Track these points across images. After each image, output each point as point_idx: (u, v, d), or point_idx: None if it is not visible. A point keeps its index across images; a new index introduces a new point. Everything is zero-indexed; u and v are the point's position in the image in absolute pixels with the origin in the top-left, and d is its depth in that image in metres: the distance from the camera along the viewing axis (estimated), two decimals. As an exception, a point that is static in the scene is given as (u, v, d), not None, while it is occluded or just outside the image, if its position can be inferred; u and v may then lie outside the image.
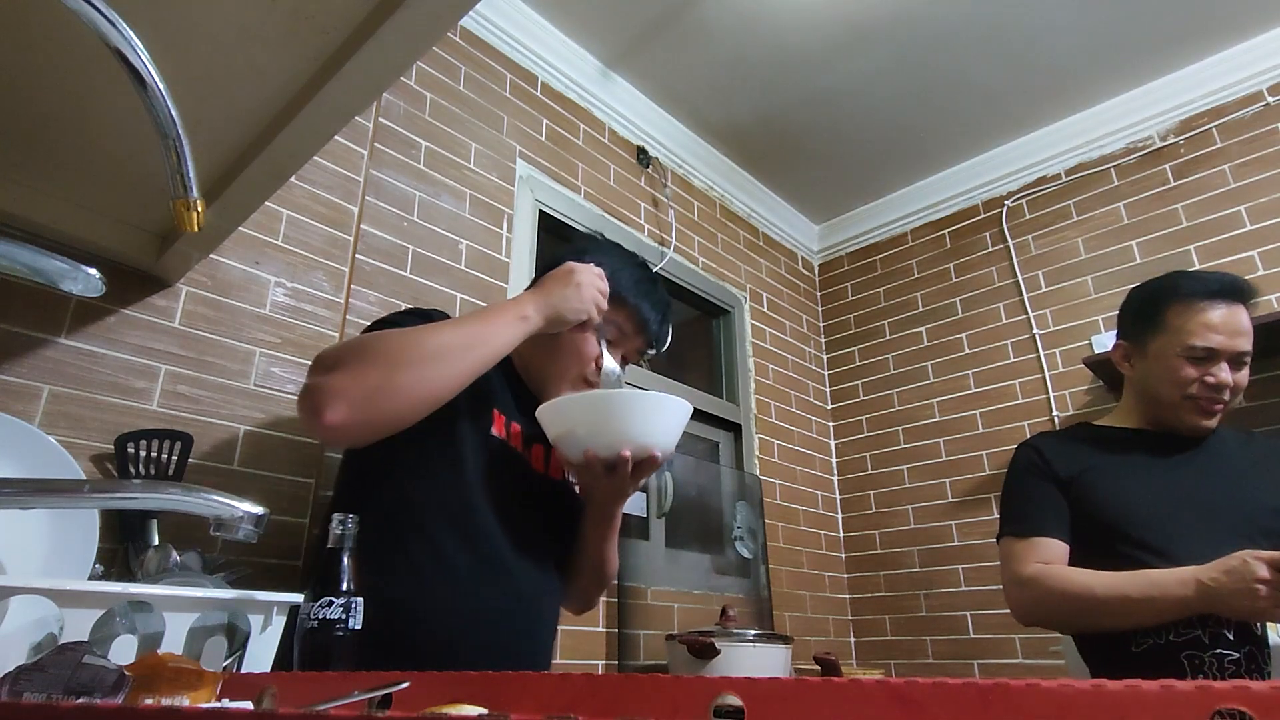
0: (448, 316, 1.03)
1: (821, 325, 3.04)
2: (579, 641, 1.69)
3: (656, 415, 0.92)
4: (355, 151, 1.51)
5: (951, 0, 2.03)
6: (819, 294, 3.10)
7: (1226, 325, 1.23)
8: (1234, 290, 1.26)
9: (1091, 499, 1.26)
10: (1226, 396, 1.24)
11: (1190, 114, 2.32)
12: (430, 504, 0.93)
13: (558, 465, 1.10)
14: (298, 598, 0.75)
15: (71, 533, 0.91)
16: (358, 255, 1.48)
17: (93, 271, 0.81)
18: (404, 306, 1.29)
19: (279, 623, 0.79)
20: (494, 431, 1.01)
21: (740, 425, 2.46)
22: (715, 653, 1.55)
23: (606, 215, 2.18)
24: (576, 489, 1.15)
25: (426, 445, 0.93)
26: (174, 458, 1.08)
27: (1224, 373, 1.23)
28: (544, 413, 0.94)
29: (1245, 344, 1.24)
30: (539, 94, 2.11)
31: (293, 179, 1.14)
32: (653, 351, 1.18)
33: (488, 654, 0.92)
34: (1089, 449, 1.32)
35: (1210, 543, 1.10)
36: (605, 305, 1.03)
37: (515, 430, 1.04)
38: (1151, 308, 1.31)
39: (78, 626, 0.67)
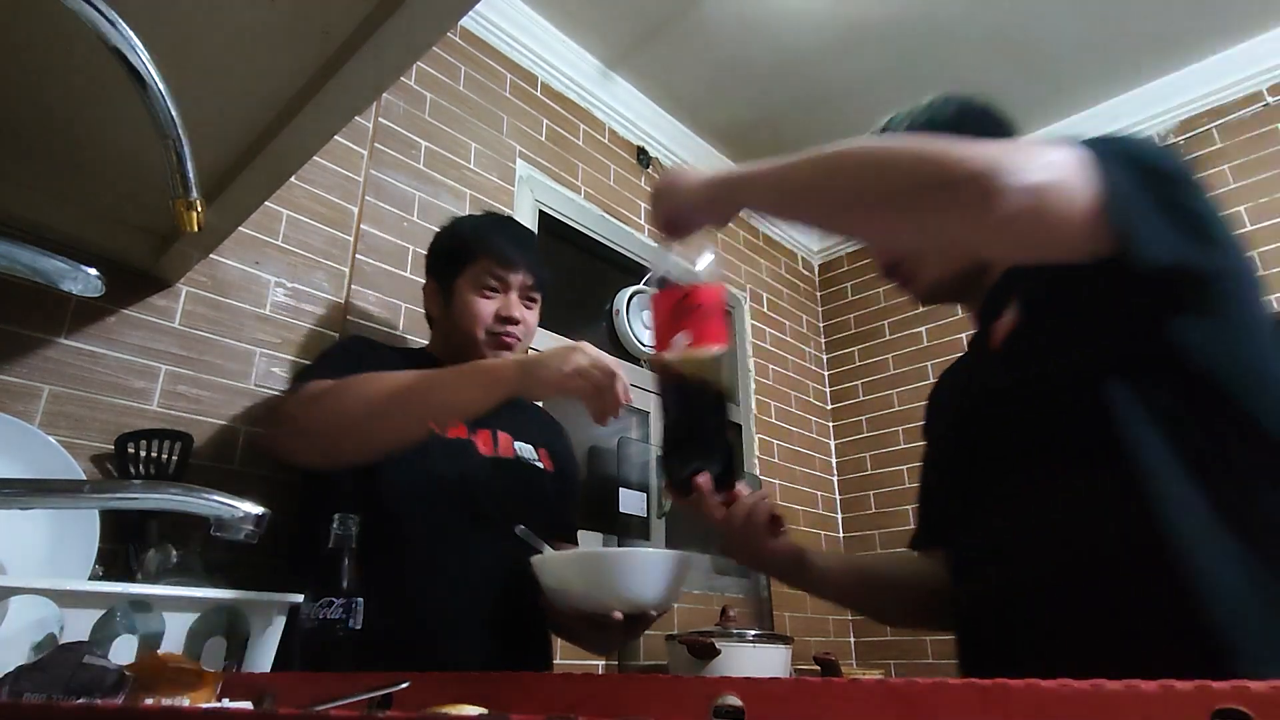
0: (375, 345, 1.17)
1: (821, 325, 3.03)
2: (579, 641, 1.69)
3: (648, 572, 0.87)
4: (355, 151, 1.51)
5: (951, 0, 2.03)
6: (819, 294, 3.09)
7: None
8: None
9: None
10: None
11: (1190, 114, 2.31)
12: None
13: (506, 445, 1.13)
14: (298, 598, 0.76)
15: (71, 533, 0.91)
16: (358, 255, 1.48)
17: (93, 271, 0.81)
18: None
19: (279, 623, 0.79)
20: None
21: (740, 425, 2.46)
22: (715, 653, 1.55)
23: (606, 215, 2.18)
24: (538, 465, 1.16)
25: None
26: (174, 458, 1.08)
27: None
28: (537, 565, 0.91)
29: None
30: (539, 94, 2.11)
31: (293, 179, 1.13)
32: (535, 286, 1.16)
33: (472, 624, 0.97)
34: None
35: None
36: (596, 378, 0.88)
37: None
38: None
39: (78, 626, 0.67)
